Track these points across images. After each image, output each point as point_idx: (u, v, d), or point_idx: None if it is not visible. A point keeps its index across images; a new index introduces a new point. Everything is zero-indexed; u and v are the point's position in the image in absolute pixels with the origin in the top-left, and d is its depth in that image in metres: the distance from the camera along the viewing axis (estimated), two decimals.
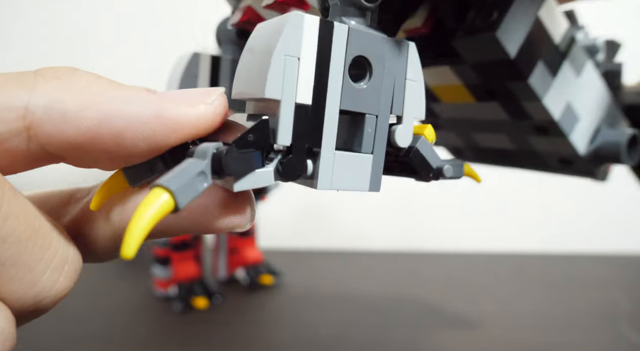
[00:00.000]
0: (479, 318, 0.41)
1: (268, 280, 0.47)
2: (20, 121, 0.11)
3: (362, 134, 0.14)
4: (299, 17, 0.12)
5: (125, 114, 0.11)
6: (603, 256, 0.62)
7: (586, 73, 0.21)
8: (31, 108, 0.11)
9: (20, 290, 0.12)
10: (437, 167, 0.16)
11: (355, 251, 0.61)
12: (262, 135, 0.12)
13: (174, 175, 0.11)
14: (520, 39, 0.18)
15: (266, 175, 0.13)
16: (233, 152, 0.12)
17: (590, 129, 0.21)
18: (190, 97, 0.12)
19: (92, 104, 0.11)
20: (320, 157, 0.13)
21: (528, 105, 0.20)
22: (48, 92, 0.11)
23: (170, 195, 0.10)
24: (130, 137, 0.11)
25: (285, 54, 0.12)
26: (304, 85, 0.13)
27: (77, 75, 0.12)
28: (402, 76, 0.14)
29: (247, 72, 0.13)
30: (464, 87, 0.21)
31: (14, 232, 0.11)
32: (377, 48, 0.14)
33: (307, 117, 0.13)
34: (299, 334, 0.38)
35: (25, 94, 0.11)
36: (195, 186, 0.11)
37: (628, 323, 0.41)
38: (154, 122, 0.12)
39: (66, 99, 0.11)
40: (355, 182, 0.14)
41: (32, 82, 0.11)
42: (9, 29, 0.57)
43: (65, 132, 0.11)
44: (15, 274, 0.12)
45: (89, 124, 0.11)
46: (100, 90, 0.12)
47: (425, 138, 0.15)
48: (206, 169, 0.11)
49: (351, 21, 0.14)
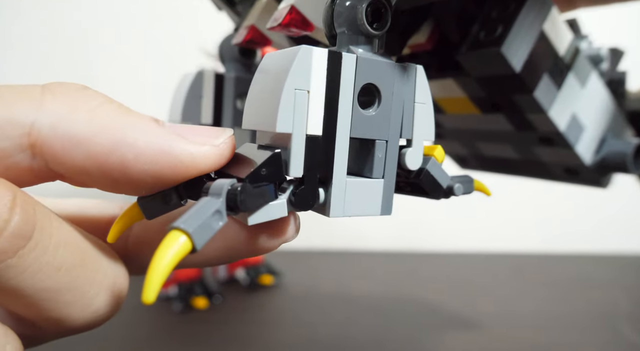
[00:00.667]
0: (479, 318, 0.41)
1: (268, 280, 0.48)
2: (24, 137, 0.11)
3: (372, 160, 0.14)
4: (307, 51, 0.12)
5: (135, 145, 0.11)
6: (603, 256, 0.62)
7: (591, 83, 0.21)
8: (37, 126, 0.11)
9: (77, 313, 0.12)
10: (448, 186, 0.16)
11: (355, 251, 0.61)
12: (274, 169, 0.12)
13: (190, 216, 0.11)
14: (525, 53, 0.18)
15: (280, 207, 0.13)
16: (247, 188, 0.12)
17: (596, 139, 0.21)
18: (198, 136, 0.12)
19: (102, 130, 0.11)
20: (332, 186, 0.13)
21: (533, 118, 0.20)
22: (56, 110, 0.11)
23: (188, 237, 0.11)
24: (136, 169, 0.11)
25: (295, 87, 0.12)
26: (314, 116, 0.13)
27: (87, 94, 0.12)
28: (411, 100, 0.14)
29: (257, 104, 0.13)
30: (469, 99, 0.21)
31: (66, 259, 0.12)
32: (386, 74, 0.14)
33: (318, 148, 0.13)
34: (299, 334, 0.38)
35: (32, 110, 0.11)
36: (211, 225, 0.11)
37: (628, 323, 0.41)
38: (160, 157, 0.11)
39: (76, 121, 0.11)
40: (367, 207, 0.14)
41: (39, 97, 0.11)
42: (9, 29, 0.57)
43: (73, 155, 0.11)
44: (71, 299, 0.12)
45: (99, 150, 0.11)
46: (110, 115, 0.11)
47: (435, 159, 0.15)
48: (221, 207, 0.11)
49: (359, 49, 0.14)
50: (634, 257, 0.62)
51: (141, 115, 0.12)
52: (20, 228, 0.10)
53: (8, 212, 0.10)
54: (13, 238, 0.10)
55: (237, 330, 0.38)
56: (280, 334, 0.38)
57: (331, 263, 0.56)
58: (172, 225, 0.11)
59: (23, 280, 0.11)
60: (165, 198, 0.13)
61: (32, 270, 0.11)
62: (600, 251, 0.64)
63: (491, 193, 0.18)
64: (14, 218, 0.10)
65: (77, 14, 0.59)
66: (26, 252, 0.11)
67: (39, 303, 0.12)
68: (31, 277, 0.11)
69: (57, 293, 0.12)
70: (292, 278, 0.50)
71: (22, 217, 0.10)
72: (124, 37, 0.60)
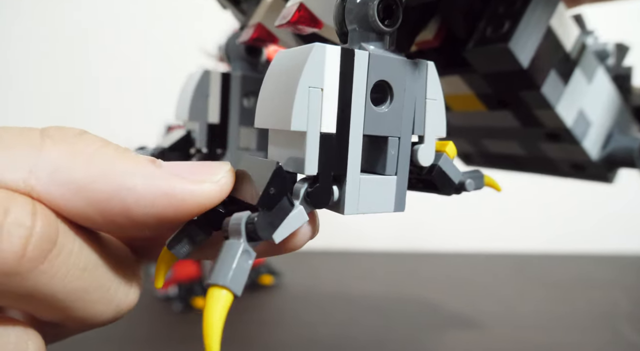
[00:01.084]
0: (479, 318, 0.41)
1: (268, 280, 0.47)
2: (20, 183, 0.11)
3: (385, 156, 0.14)
4: (321, 48, 0.12)
5: (134, 190, 0.11)
6: (604, 256, 0.62)
7: (597, 78, 0.21)
8: (35, 172, 0.11)
9: (102, 309, 0.13)
10: (459, 182, 0.16)
11: (355, 251, 0.61)
12: (281, 183, 0.12)
13: (221, 268, 0.11)
14: (533, 49, 0.18)
15: (299, 216, 0.13)
16: (263, 217, 0.12)
17: (603, 134, 0.21)
18: (196, 174, 0.12)
19: (102, 176, 0.11)
20: (345, 183, 0.13)
21: (540, 114, 0.20)
22: (55, 156, 0.11)
23: (227, 289, 0.11)
24: (138, 213, 0.11)
25: (309, 86, 0.12)
26: (327, 114, 0.13)
27: (85, 140, 0.12)
28: (423, 96, 0.15)
29: (270, 102, 0.13)
30: (475, 96, 0.21)
31: (90, 259, 0.12)
32: (397, 71, 0.14)
33: (332, 145, 0.13)
34: (299, 334, 0.37)
35: (32, 156, 0.11)
36: (243, 267, 0.11)
37: (628, 323, 0.41)
38: (161, 199, 0.12)
39: (74, 167, 0.11)
40: (381, 204, 0.14)
41: (39, 143, 0.11)
42: (9, 29, 0.57)
43: (73, 201, 0.11)
44: (96, 297, 0.12)
45: (99, 197, 0.11)
46: (108, 160, 0.11)
47: (447, 155, 0.15)
48: (246, 246, 0.12)
49: (370, 46, 0.14)
50: (635, 256, 0.62)
51: (139, 157, 0.12)
52: (45, 232, 0.10)
53: (30, 217, 0.10)
54: (41, 243, 0.10)
55: (237, 330, 0.38)
56: (280, 334, 0.38)
57: (331, 263, 0.56)
58: (209, 282, 0.11)
59: (54, 285, 0.11)
60: (190, 236, 0.13)
61: (61, 273, 0.11)
62: (601, 251, 0.64)
63: (501, 189, 0.18)
64: (38, 223, 0.10)
65: (76, 14, 0.59)
66: (54, 256, 0.11)
67: (67, 305, 0.12)
68: (61, 281, 0.11)
69: (85, 293, 0.12)
70: (292, 278, 0.50)
71: (45, 222, 0.10)
72: (124, 37, 0.60)
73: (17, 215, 0.10)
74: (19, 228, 0.10)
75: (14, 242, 0.10)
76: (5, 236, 0.10)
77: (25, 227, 0.10)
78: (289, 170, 0.13)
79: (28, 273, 0.10)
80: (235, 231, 0.12)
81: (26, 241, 0.10)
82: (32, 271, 0.10)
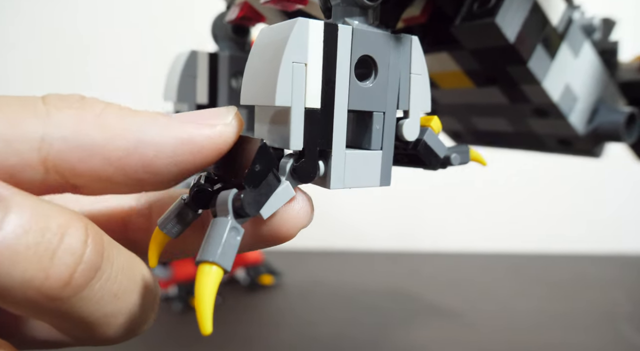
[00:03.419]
0: (479, 318, 0.41)
1: (268, 280, 0.47)
2: (34, 152, 0.11)
3: (370, 132, 0.14)
4: (304, 23, 0.12)
5: (153, 142, 0.11)
6: (603, 256, 0.62)
7: (584, 53, 0.21)
8: (48, 140, 0.11)
9: (121, 331, 0.12)
10: (445, 156, 0.16)
11: (355, 251, 0.61)
12: (266, 160, 0.12)
13: (210, 245, 0.11)
14: (519, 24, 0.18)
15: (286, 191, 0.13)
16: (249, 194, 0.12)
17: (589, 109, 0.21)
18: (208, 119, 0.12)
19: (117, 134, 0.11)
20: (331, 158, 0.13)
21: (527, 89, 0.20)
22: (64, 122, 0.11)
23: (216, 265, 0.11)
24: (159, 164, 0.12)
25: (293, 61, 0.12)
26: (312, 89, 0.13)
27: (88, 102, 0.12)
28: (407, 71, 0.15)
29: (255, 78, 0.13)
30: (463, 73, 0.21)
31: (122, 286, 0.12)
32: (381, 46, 0.14)
33: (317, 120, 0.13)
34: (299, 334, 0.38)
35: (40, 125, 0.11)
36: (231, 243, 0.12)
37: (628, 323, 0.41)
38: (180, 148, 0.12)
39: (86, 130, 0.11)
40: (367, 179, 0.14)
41: (44, 111, 0.11)
42: (9, 29, 0.57)
43: (91, 163, 0.11)
44: (120, 321, 0.12)
45: (118, 154, 0.11)
46: (118, 118, 0.11)
47: (432, 129, 0.15)
48: (233, 223, 0.12)
49: (354, 21, 0.14)
50: (634, 256, 0.62)
51: (149, 112, 0.12)
52: (92, 261, 0.10)
53: (82, 246, 0.10)
54: (87, 272, 0.10)
55: (237, 330, 0.38)
56: (280, 334, 0.38)
57: (331, 263, 0.56)
58: (198, 259, 0.11)
59: (87, 309, 0.11)
60: (181, 217, 0.14)
61: (97, 299, 0.11)
62: (600, 251, 0.64)
63: (487, 163, 0.18)
64: (87, 251, 0.10)
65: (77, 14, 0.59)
66: (94, 282, 0.11)
67: (92, 327, 0.12)
68: (94, 305, 0.11)
69: (113, 319, 0.12)
70: (292, 278, 0.50)
71: (94, 249, 0.11)
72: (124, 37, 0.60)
73: (71, 241, 0.10)
74: (71, 256, 0.10)
75: (62, 270, 0.10)
76: (56, 263, 0.10)
77: (76, 256, 0.10)
78: (274, 146, 0.13)
79: (69, 299, 0.10)
80: (223, 208, 0.12)
81: (74, 269, 0.10)
82: (73, 297, 0.10)
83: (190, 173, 0.12)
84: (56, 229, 0.10)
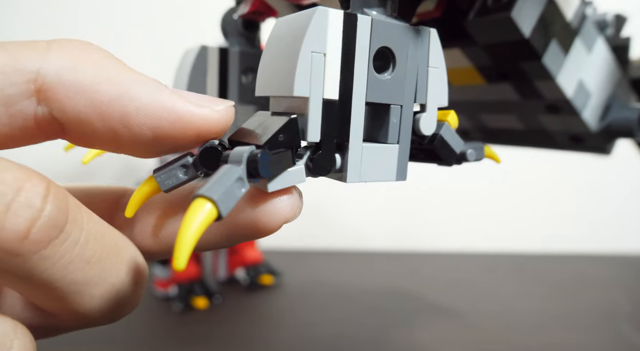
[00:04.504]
0: (479, 318, 0.41)
1: (268, 280, 0.47)
2: (30, 84, 0.11)
3: (387, 125, 0.14)
4: (323, 12, 0.12)
5: (137, 98, 0.12)
6: (603, 256, 0.62)
7: (597, 49, 0.21)
8: (43, 72, 0.11)
9: (102, 306, 0.12)
10: (461, 152, 0.16)
11: (355, 251, 0.61)
12: (291, 134, 0.12)
13: (213, 184, 0.11)
14: (534, 18, 0.18)
15: (298, 173, 0.13)
16: (266, 154, 0.12)
17: (602, 105, 0.21)
18: (199, 99, 0.12)
19: (107, 80, 0.11)
20: (348, 151, 0.13)
21: (541, 85, 0.20)
22: (61, 58, 0.11)
23: (213, 204, 0.10)
24: (137, 122, 0.12)
25: (312, 50, 0.12)
26: (330, 80, 0.12)
27: (91, 47, 0.12)
28: (425, 64, 0.14)
29: (271, 69, 0.13)
30: (475, 69, 0.21)
31: (95, 252, 0.12)
32: (400, 38, 0.14)
33: (334, 112, 0.13)
34: (299, 334, 0.37)
35: (38, 58, 0.11)
36: (234, 192, 0.11)
37: (628, 323, 0.41)
38: (161, 112, 0.12)
39: (81, 69, 0.11)
40: (383, 173, 0.14)
41: (45, 47, 0.11)
42: (9, 29, 0.57)
43: (77, 101, 0.11)
44: (97, 292, 0.12)
45: (102, 98, 0.11)
46: (115, 68, 0.12)
47: (448, 124, 0.15)
48: (243, 175, 0.11)
49: (372, 11, 0.13)
50: (634, 256, 0.62)
51: (146, 75, 0.12)
52: (53, 218, 0.10)
53: (42, 200, 0.10)
54: (47, 228, 0.10)
55: (237, 330, 0.38)
56: (281, 334, 0.38)
57: (331, 263, 0.56)
58: (196, 193, 0.11)
59: (54, 272, 0.11)
60: (182, 169, 0.13)
61: (64, 262, 0.11)
62: (600, 251, 0.64)
63: (500, 161, 0.18)
64: (47, 207, 0.10)
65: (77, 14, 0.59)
66: (58, 243, 0.10)
67: (66, 295, 0.11)
68: (62, 269, 0.11)
69: (85, 286, 0.12)
70: (292, 278, 0.50)
71: (55, 207, 0.10)
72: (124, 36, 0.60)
73: (28, 195, 0.10)
74: (28, 209, 0.10)
75: (19, 222, 0.10)
76: (12, 215, 0.10)
77: (34, 209, 0.10)
78: None
79: (29, 256, 0.10)
80: (236, 158, 0.12)
81: (31, 223, 0.10)
82: (33, 254, 0.10)
83: (163, 146, 0.12)
84: (12, 182, 0.10)
